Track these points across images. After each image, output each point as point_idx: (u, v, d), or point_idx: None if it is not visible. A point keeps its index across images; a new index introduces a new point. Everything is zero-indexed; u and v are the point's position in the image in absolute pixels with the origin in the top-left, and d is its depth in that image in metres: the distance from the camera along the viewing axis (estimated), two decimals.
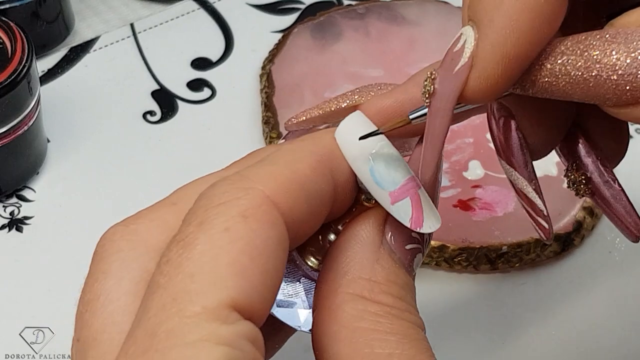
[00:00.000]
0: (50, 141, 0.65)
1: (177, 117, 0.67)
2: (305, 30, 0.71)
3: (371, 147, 0.35)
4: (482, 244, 0.57)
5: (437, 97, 0.34)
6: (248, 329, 0.29)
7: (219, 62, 0.72)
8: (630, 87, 0.31)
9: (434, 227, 0.35)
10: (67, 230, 0.60)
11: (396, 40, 0.70)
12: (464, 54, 0.33)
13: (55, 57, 0.71)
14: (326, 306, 0.34)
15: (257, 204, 0.31)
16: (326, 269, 0.35)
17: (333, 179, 0.35)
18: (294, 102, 0.66)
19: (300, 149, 0.35)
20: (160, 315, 0.29)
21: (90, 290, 0.33)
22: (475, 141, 0.63)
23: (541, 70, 0.33)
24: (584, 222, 0.59)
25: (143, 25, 0.74)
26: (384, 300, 0.34)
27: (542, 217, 0.39)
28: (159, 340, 0.28)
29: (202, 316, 0.28)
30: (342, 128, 0.36)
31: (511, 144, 0.39)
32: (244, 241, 0.30)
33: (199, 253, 0.30)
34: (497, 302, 0.57)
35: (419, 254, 0.36)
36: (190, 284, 0.29)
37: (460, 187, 0.60)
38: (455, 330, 0.55)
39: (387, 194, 0.35)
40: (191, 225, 0.31)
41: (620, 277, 0.58)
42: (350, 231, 0.36)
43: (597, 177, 0.38)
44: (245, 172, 0.33)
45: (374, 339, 0.33)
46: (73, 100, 0.68)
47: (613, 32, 0.31)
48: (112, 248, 0.34)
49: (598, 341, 0.54)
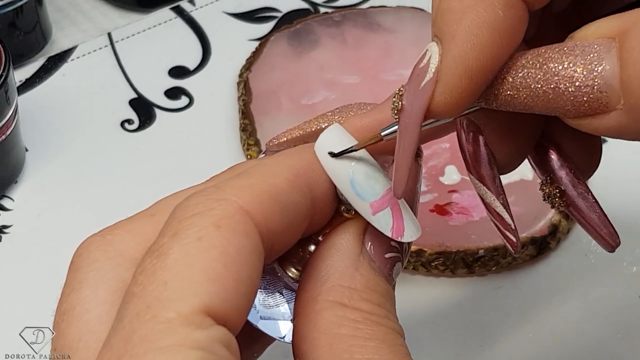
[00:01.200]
0: (29, 150, 0.65)
1: (155, 125, 0.68)
2: (282, 38, 0.71)
3: (351, 158, 0.36)
4: (459, 248, 0.57)
5: (405, 113, 0.34)
6: (222, 334, 0.30)
7: (196, 70, 0.72)
8: (588, 99, 0.31)
9: (414, 236, 0.36)
10: (45, 239, 0.60)
11: (372, 47, 0.71)
12: (429, 70, 0.33)
13: (33, 66, 0.71)
14: (306, 313, 0.35)
15: (230, 214, 0.31)
16: (306, 278, 0.36)
17: (311, 192, 0.35)
18: (271, 109, 0.66)
19: (278, 162, 0.35)
20: (134, 323, 0.29)
21: (67, 300, 0.33)
22: (451, 146, 0.63)
23: (503, 84, 0.33)
24: (559, 226, 0.60)
25: (120, 34, 0.74)
26: (363, 307, 0.34)
27: (509, 231, 0.40)
28: (133, 346, 0.28)
29: (176, 321, 0.29)
30: (321, 141, 0.36)
31: (480, 159, 0.39)
32: (218, 250, 0.30)
33: (173, 262, 0.30)
34: (474, 305, 0.57)
35: (399, 262, 0.37)
36: (164, 291, 0.29)
37: (437, 192, 0.60)
38: (433, 334, 0.55)
39: (368, 205, 0.35)
40: (165, 236, 0.31)
41: (596, 280, 0.58)
42: (330, 240, 0.36)
43: (571, 190, 0.39)
44: (220, 184, 0.33)
45: (353, 345, 0.33)
46: (51, 109, 0.68)
47: (571, 45, 0.32)
48: (89, 258, 0.34)
49: (574, 343, 0.55)
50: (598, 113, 0.32)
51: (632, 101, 0.30)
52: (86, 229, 0.35)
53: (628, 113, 0.31)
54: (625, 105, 0.31)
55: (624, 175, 0.62)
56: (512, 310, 0.57)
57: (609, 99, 0.31)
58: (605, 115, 0.31)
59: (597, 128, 0.32)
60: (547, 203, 0.39)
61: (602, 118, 0.32)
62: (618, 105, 0.31)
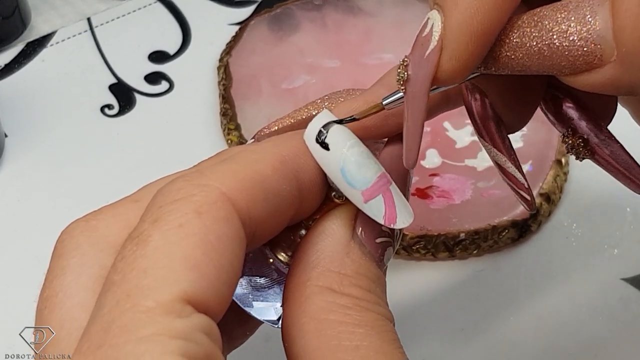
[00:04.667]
0: (8, 136, 0.64)
1: (135, 110, 0.67)
2: (262, 22, 0.71)
3: (341, 146, 0.35)
4: (440, 232, 0.58)
5: (411, 82, 0.34)
6: (203, 322, 0.29)
7: (176, 55, 0.72)
8: (582, 52, 0.31)
9: (407, 222, 0.36)
10: (26, 225, 0.60)
11: (353, 32, 0.71)
12: (433, 38, 0.33)
13: (12, 52, 0.71)
14: (295, 298, 0.35)
15: (212, 200, 0.31)
16: (296, 263, 0.36)
17: (297, 179, 0.35)
18: (251, 94, 0.66)
19: (264, 149, 0.35)
20: (114, 312, 0.29)
21: (49, 286, 0.33)
22: (432, 130, 0.63)
23: (501, 46, 0.33)
24: (540, 209, 0.60)
25: (100, 19, 0.74)
26: (353, 293, 0.34)
27: (523, 190, 0.40)
28: (112, 336, 0.28)
29: (156, 310, 0.28)
30: (310, 129, 0.36)
31: (488, 123, 0.39)
32: (198, 237, 0.30)
33: (153, 249, 0.30)
34: (456, 289, 0.57)
35: (390, 247, 0.37)
36: (144, 279, 0.29)
37: (418, 176, 0.61)
38: (414, 317, 0.55)
39: (360, 193, 0.35)
40: (146, 223, 0.31)
41: (577, 263, 0.58)
42: (321, 226, 0.36)
43: (594, 138, 0.38)
44: (203, 170, 0.33)
45: (342, 331, 0.33)
46: (30, 95, 0.68)
47: (565, 1, 0.32)
48: (72, 244, 0.34)
49: (556, 326, 0.55)
50: (593, 67, 0.32)
51: (624, 50, 0.30)
52: (67, 215, 0.35)
53: (622, 64, 0.31)
54: (618, 56, 0.31)
55: None
56: (494, 294, 0.57)
57: (602, 51, 0.31)
58: (600, 69, 0.32)
59: (592, 83, 0.32)
60: (571, 154, 0.39)
61: (597, 72, 0.32)
62: (612, 58, 0.31)
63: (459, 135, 0.63)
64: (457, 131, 0.63)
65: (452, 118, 0.64)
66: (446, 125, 0.64)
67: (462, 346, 0.54)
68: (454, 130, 0.63)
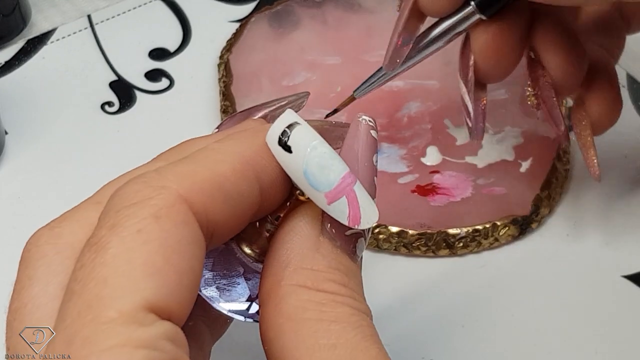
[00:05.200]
0: (8, 133, 0.64)
1: (136, 107, 0.67)
2: (262, 19, 0.71)
3: (304, 149, 0.35)
4: (441, 229, 0.57)
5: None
6: (167, 329, 0.29)
7: (176, 52, 0.72)
8: None
9: (372, 222, 0.35)
10: (26, 223, 0.59)
11: (353, 28, 0.71)
12: None
13: (12, 49, 0.71)
14: (271, 299, 0.34)
15: (170, 203, 0.31)
16: (268, 263, 0.35)
17: (258, 180, 0.34)
18: (252, 91, 0.66)
19: (224, 149, 0.34)
20: (76, 324, 0.29)
21: (17, 297, 0.33)
22: (433, 127, 0.63)
23: None
24: (541, 206, 0.60)
25: (100, 16, 0.74)
26: (327, 288, 0.34)
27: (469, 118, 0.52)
28: (75, 348, 0.28)
29: (118, 321, 0.28)
30: (272, 132, 0.35)
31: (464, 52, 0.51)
32: (157, 242, 0.30)
33: (112, 257, 0.29)
34: (456, 286, 0.57)
35: (361, 238, 0.36)
36: (104, 289, 0.29)
37: (418, 173, 0.60)
38: (414, 314, 0.55)
39: (323, 195, 0.35)
40: (103, 228, 0.30)
41: (577, 260, 0.58)
42: (289, 224, 0.36)
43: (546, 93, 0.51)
44: (161, 170, 0.32)
45: (318, 330, 0.33)
46: (31, 92, 0.68)
47: None
48: (37, 253, 0.33)
49: (556, 323, 0.55)
50: None
51: None
52: None
53: None
54: None
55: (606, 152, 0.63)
56: (494, 291, 0.57)
57: None
58: None
59: None
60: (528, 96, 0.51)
61: None
62: None
63: (459, 132, 0.63)
64: (457, 128, 0.63)
65: (452, 115, 0.64)
66: (447, 122, 0.64)
67: (462, 343, 0.54)
68: (454, 128, 0.63)
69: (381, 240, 0.57)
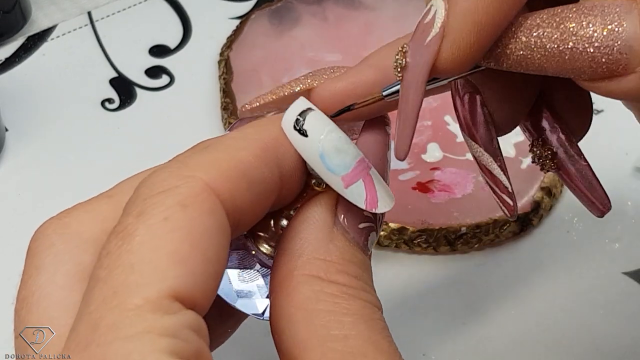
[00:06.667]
0: (9, 130, 0.64)
1: (136, 104, 0.67)
2: (262, 16, 0.71)
3: (319, 132, 0.35)
4: (441, 226, 0.57)
5: (409, 70, 0.33)
6: (191, 319, 0.29)
7: (177, 49, 0.72)
8: (606, 60, 0.31)
9: (388, 206, 0.35)
10: (26, 219, 0.59)
11: (353, 25, 0.71)
12: (435, 25, 0.32)
13: (13, 46, 0.71)
14: (282, 289, 0.34)
15: (196, 192, 0.31)
16: (280, 253, 0.35)
17: (278, 166, 0.34)
18: (252, 88, 0.66)
19: (244, 137, 0.34)
20: (101, 309, 0.28)
21: (25, 286, 0.33)
22: (433, 124, 0.63)
23: (516, 44, 0.32)
24: (542, 203, 0.60)
25: (100, 13, 0.74)
26: (340, 280, 0.34)
27: (506, 194, 0.40)
28: (100, 335, 0.28)
29: (144, 308, 0.28)
30: (287, 117, 0.36)
31: (476, 120, 0.39)
32: (184, 230, 0.30)
33: (138, 244, 0.29)
34: (457, 282, 0.57)
35: (373, 232, 0.36)
36: (130, 275, 0.29)
37: (419, 170, 0.60)
38: (415, 311, 0.55)
39: (340, 179, 0.35)
40: (130, 216, 0.30)
41: (578, 257, 0.58)
42: (303, 214, 0.36)
43: (563, 153, 0.38)
44: (185, 160, 0.32)
45: (330, 321, 0.33)
46: (31, 89, 0.68)
47: (589, 5, 0.31)
48: (45, 243, 0.33)
49: (557, 320, 0.55)
50: (615, 76, 0.31)
51: None
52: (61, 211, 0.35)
53: None
54: None
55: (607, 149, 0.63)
56: (495, 288, 0.57)
57: (628, 61, 0.30)
58: (623, 78, 0.31)
59: (613, 91, 0.32)
60: (536, 165, 0.38)
61: (619, 81, 0.31)
62: (637, 68, 0.30)
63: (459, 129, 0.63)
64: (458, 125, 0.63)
65: (453, 112, 0.64)
66: (447, 119, 0.64)
67: (463, 340, 0.54)
68: (455, 124, 0.63)
69: (382, 237, 0.57)
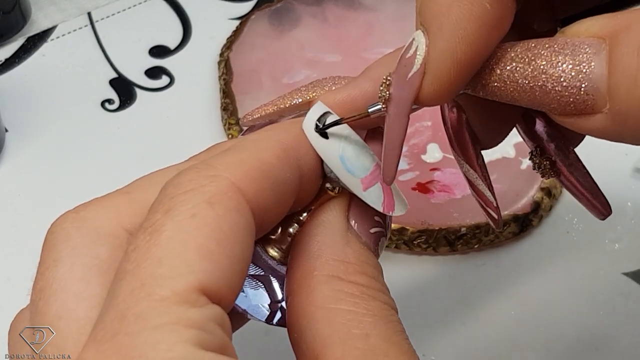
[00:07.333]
0: (8, 131, 0.64)
1: (136, 105, 0.67)
2: (262, 16, 0.71)
3: (340, 135, 0.36)
4: (441, 226, 0.57)
5: (393, 102, 0.34)
6: (217, 313, 0.29)
7: (177, 49, 0.72)
8: (573, 99, 0.31)
9: (404, 210, 0.36)
10: (26, 219, 0.59)
11: (353, 26, 0.71)
12: (417, 61, 0.33)
13: (13, 46, 0.71)
14: (301, 289, 0.35)
15: (223, 190, 0.31)
16: (297, 255, 0.36)
17: (299, 168, 0.35)
18: (252, 89, 0.66)
19: (266, 138, 0.35)
20: (129, 300, 0.29)
21: (42, 278, 0.33)
22: (433, 124, 0.63)
23: (491, 75, 0.33)
24: (541, 203, 0.60)
25: (100, 13, 0.74)
26: (359, 280, 0.34)
27: (491, 208, 0.41)
28: (127, 324, 0.28)
29: (171, 300, 0.28)
30: (308, 119, 0.36)
31: (463, 138, 0.40)
32: (211, 227, 0.30)
33: (167, 239, 0.30)
34: (457, 283, 0.57)
35: (383, 237, 0.37)
36: (159, 268, 0.29)
37: (419, 170, 0.60)
38: (415, 312, 0.55)
39: (359, 181, 0.35)
40: (158, 213, 0.31)
41: (578, 257, 0.58)
42: (318, 218, 0.36)
43: (562, 160, 0.39)
44: (210, 161, 0.33)
45: (351, 320, 0.33)
46: (31, 89, 0.68)
47: (562, 42, 0.32)
48: (62, 236, 0.33)
49: (557, 320, 0.55)
50: (583, 114, 0.31)
51: (617, 107, 0.30)
52: (67, 209, 0.35)
53: (613, 118, 0.30)
54: (610, 110, 0.30)
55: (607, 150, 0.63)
56: (495, 288, 0.57)
57: (595, 101, 0.31)
58: (591, 117, 0.31)
59: (581, 127, 0.32)
60: (537, 173, 0.39)
61: (587, 119, 0.31)
62: (604, 109, 0.31)
63: None
64: None
65: None
66: None
67: (463, 340, 0.54)
68: None
69: None
